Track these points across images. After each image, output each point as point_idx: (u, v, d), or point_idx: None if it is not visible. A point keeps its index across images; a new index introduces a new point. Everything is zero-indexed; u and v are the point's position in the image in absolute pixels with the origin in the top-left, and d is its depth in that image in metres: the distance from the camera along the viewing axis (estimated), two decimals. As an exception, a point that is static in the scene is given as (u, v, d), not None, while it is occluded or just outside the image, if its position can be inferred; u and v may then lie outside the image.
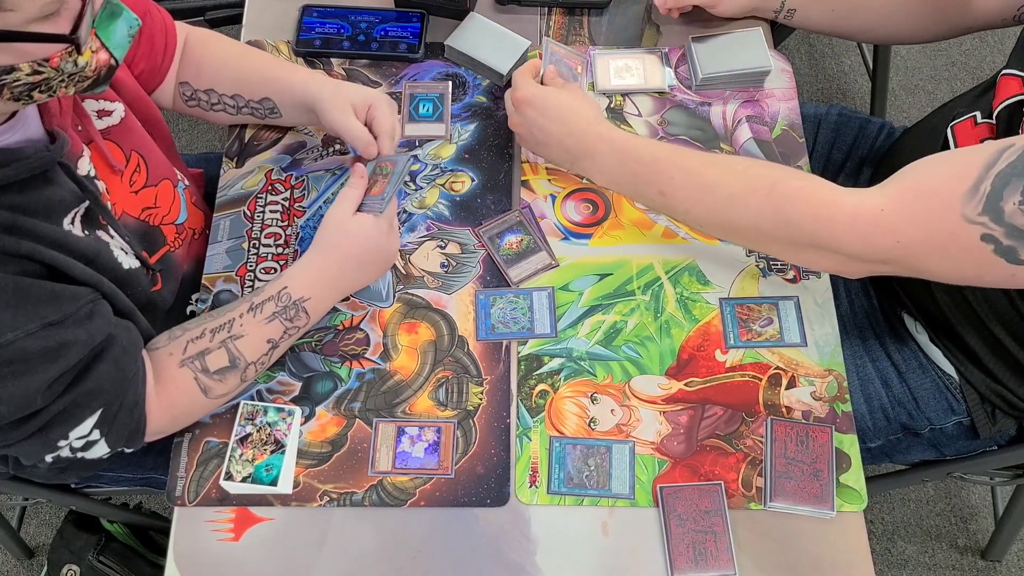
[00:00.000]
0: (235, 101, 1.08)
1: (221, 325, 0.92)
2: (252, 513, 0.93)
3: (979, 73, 2.20)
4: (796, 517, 0.93)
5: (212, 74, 1.08)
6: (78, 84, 0.76)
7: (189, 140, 2.12)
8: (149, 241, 0.97)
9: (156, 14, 1.05)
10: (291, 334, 0.95)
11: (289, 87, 1.06)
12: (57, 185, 0.82)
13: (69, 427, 0.83)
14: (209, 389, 0.91)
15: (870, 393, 1.13)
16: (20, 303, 0.76)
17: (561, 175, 1.13)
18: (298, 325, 0.95)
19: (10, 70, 0.69)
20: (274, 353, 0.95)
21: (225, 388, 0.92)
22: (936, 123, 1.11)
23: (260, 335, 0.93)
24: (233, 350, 0.91)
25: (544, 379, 1.00)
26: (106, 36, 0.75)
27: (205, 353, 0.91)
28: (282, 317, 0.93)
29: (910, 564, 1.65)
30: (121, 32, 0.77)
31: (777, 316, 1.02)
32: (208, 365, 0.90)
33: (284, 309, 0.93)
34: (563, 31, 1.25)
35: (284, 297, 0.93)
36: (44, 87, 0.73)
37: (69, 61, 0.72)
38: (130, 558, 1.35)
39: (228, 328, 0.92)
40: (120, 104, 0.96)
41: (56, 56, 0.71)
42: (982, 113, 1.01)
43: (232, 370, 0.92)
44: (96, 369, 0.83)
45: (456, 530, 0.92)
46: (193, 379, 0.90)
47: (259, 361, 0.93)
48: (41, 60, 0.70)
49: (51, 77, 0.72)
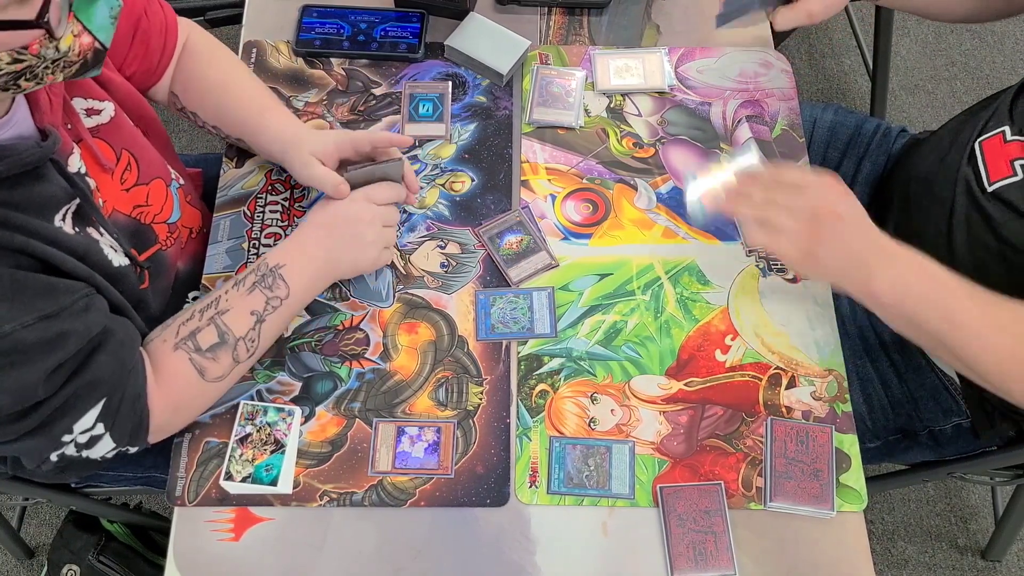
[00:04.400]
0: (216, 130, 1.11)
1: (208, 304, 0.94)
2: (252, 513, 0.93)
3: (979, 73, 2.20)
4: (796, 517, 0.93)
5: (197, 99, 1.09)
6: (65, 70, 0.75)
7: (189, 140, 2.12)
8: (139, 239, 0.97)
9: (156, 15, 1.04)
10: (273, 305, 0.96)
11: (262, 135, 1.07)
12: (48, 182, 0.82)
13: (72, 419, 0.84)
14: (205, 370, 0.92)
15: (870, 393, 1.13)
16: (16, 296, 0.77)
17: (561, 175, 1.13)
18: (279, 296, 0.96)
19: None
20: (261, 329, 0.95)
21: (220, 368, 0.93)
22: (960, 135, 1.09)
23: (244, 307, 0.94)
24: (221, 325, 0.93)
25: (544, 379, 1.00)
26: (87, 19, 0.75)
27: (196, 332, 0.92)
28: (261, 286, 0.95)
29: (910, 564, 1.65)
30: (102, 14, 0.76)
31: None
32: (200, 343, 0.92)
33: (263, 278, 0.95)
34: (563, 31, 1.25)
35: (262, 267, 0.96)
36: (29, 75, 0.72)
37: (50, 47, 0.72)
38: (130, 558, 1.35)
39: (215, 305, 0.94)
40: (110, 103, 0.96)
41: (35, 43, 0.71)
42: (1012, 130, 0.99)
43: (222, 346, 0.92)
44: (95, 360, 0.83)
45: (456, 530, 0.92)
46: (188, 360, 0.91)
47: (247, 336, 0.94)
48: (20, 48, 0.70)
49: (33, 64, 0.72)
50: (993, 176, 0.99)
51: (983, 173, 1.01)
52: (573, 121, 1.16)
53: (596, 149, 1.15)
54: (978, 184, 1.01)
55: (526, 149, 1.15)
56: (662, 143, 1.16)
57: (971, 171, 1.02)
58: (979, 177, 1.01)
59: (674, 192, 1.12)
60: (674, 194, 1.12)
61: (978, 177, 1.01)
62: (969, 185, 1.02)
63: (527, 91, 1.19)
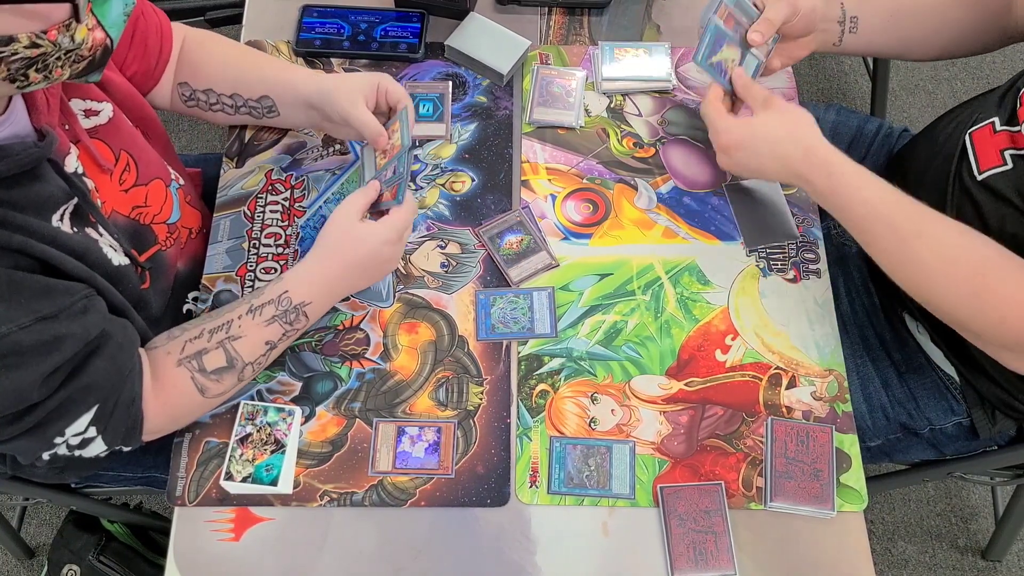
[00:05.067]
0: (233, 100, 1.08)
1: (219, 326, 0.92)
2: (252, 513, 0.93)
3: (979, 73, 2.20)
4: (796, 517, 0.93)
5: (210, 74, 1.08)
6: (74, 65, 0.75)
7: (189, 140, 2.12)
8: (139, 239, 0.97)
9: (152, 17, 1.05)
10: (289, 336, 0.95)
11: (291, 85, 1.06)
12: (46, 182, 0.82)
13: (65, 423, 0.83)
14: (206, 389, 0.91)
15: (870, 392, 1.13)
16: (13, 297, 0.77)
17: (561, 175, 1.13)
18: (297, 328, 0.95)
19: (8, 41, 0.69)
20: (271, 354, 0.95)
21: (222, 388, 0.92)
22: (952, 128, 1.10)
23: (259, 337, 0.93)
24: (231, 350, 0.91)
25: (544, 379, 1.00)
26: (102, 14, 0.75)
27: (203, 353, 0.91)
28: (282, 320, 0.93)
29: (910, 564, 1.65)
30: (117, 11, 0.76)
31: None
32: (205, 365, 0.91)
33: (284, 313, 0.93)
34: (563, 31, 1.25)
35: (284, 301, 0.93)
36: (41, 64, 0.72)
37: (67, 35, 0.72)
38: (130, 558, 1.35)
39: (227, 329, 0.92)
40: (108, 104, 0.96)
41: (54, 28, 0.71)
42: (1001, 120, 1.00)
43: (229, 371, 0.92)
44: (92, 364, 0.83)
45: (456, 530, 0.92)
46: (190, 378, 0.90)
47: (256, 362, 0.93)
48: (39, 32, 0.70)
49: (48, 52, 0.72)
50: (983, 165, 1.00)
51: (973, 162, 1.01)
52: (573, 121, 1.16)
53: (596, 149, 1.15)
54: (968, 173, 1.01)
55: (526, 149, 1.15)
56: (662, 143, 1.16)
57: (962, 162, 1.03)
58: (969, 167, 1.01)
59: (674, 192, 1.12)
60: (674, 194, 1.12)
61: (968, 167, 1.01)
62: (960, 175, 1.02)
63: (527, 91, 1.19)
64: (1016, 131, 0.96)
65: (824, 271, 1.07)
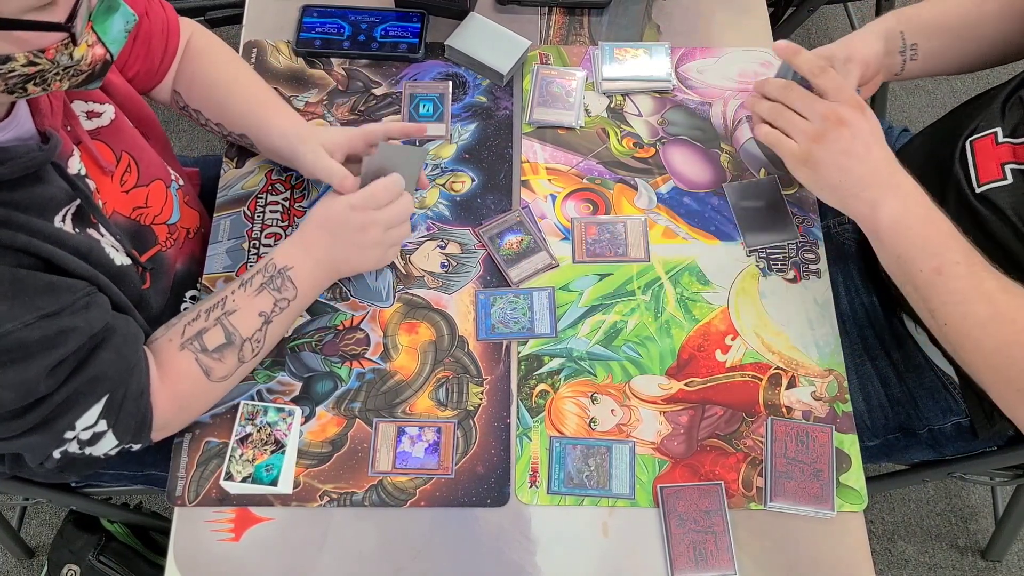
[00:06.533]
0: (219, 128, 1.10)
1: (215, 304, 0.94)
2: (252, 513, 0.93)
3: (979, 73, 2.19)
4: (796, 517, 0.93)
5: (201, 96, 1.09)
6: (73, 78, 0.76)
7: (189, 140, 2.12)
8: (140, 240, 0.98)
9: (158, 14, 1.05)
10: (281, 307, 0.96)
11: (266, 130, 1.06)
12: (49, 183, 0.82)
13: (75, 416, 0.84)
14: (211, 370, 0.92)
15: (869, 392, 1.13)
16: (17, 294, 0.77)
17: (561, 175, 1.13)
18: (287, 297, 0.96)
19: (5, 60, 0.69)
20: (268, 330, 0.95)
21: (225, 368, 0.93)
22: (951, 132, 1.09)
23: (252, 308, 0.94)
24: (228, 326, 0.93)
25: (544, 379, 1.00)
26: (102, 30, 0.75)
27: (202, 332, 0.92)
28: (270, 288, 0.95)
29: (910, 564, 1.65)
30: (118, 27, 0.77)
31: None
32: (206, 343, 0.92)
33: (271, 279, 0.95)
34: (563, 31, 1.25)
35: (270, 268, 0.96)
36: (39, 79, 0.73)
37: (65, 53, 0.72)
38: (130, 558, 1.35)
39: (222, 305, 0.94)
40: (110, 105, 0.96)
41: (52, 48, 0.71)
42: (1004, 131, 0.99)
43: (229, 347, 0.93)
44: (98, 356, 0.83)
45: (456, 530, 0.92)
46: (194, 360, 0.91)
47: (254, 337, 0.94)
48: (37, 51, 0.70)
49: (46, 69, 0.72)
50: (983, 178, 0.99)
51: (973, 174, 1.01)
52: (573, 121, 1.16)
53: (596, 149, 1.15)
54: (968, 185, 1.01)
55: (526, 149, 1.15)
56: (662, 143, 1.16)
57: (961, 171, 1.02)
58: (969, 178, 1.01)
59: (674, 192, 1.12)
60: (674, 194, 1.12)
61: (968, 177, 1.01)
62: (959, 185, 1.02)
63: (527, 91, 1.19)
64: (1019, 143, 0.96)
65: (824, 271, 1.07)
